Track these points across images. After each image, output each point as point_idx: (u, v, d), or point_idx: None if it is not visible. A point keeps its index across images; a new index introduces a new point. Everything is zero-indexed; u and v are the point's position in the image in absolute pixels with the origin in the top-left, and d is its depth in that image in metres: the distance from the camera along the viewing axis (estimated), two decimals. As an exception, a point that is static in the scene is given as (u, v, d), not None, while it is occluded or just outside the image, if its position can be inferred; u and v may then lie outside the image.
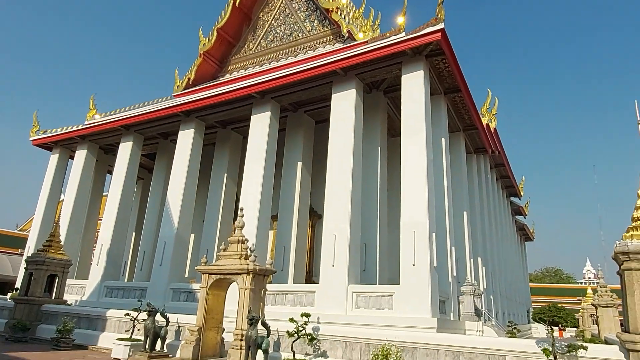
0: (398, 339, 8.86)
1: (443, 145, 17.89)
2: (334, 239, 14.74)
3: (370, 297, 13.92)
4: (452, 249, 17.22)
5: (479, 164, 26.05)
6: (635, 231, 7.43)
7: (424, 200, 14.01)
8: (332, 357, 9.68)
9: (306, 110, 20.44)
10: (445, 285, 16.01)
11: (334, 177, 15.59)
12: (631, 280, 7.10)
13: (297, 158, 19.60)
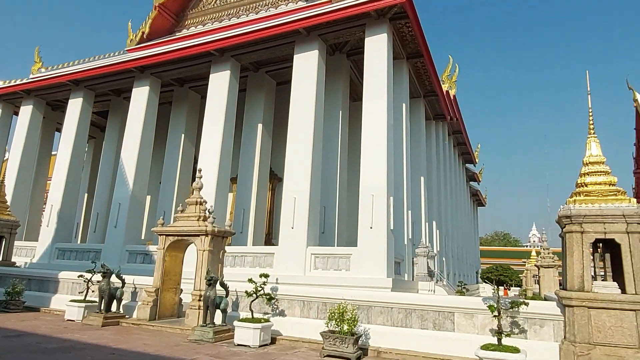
0: (354, 298, 9.14)
1: (404, 110, 18.04)
2: (293, 201, 14.78)
3: (328, 258, 14.21)
4: (408, 213, 17.71)
5: (438, 130, 26.57)
6: (578, 196, 7.87)
7: (383, 164, 14.19)
8: (290, 315, 9.89)
9: (267, 70, 19.94)
10: (401, 247, 16.55)
11: (295, 139, 15.46)
12: (571, 242, 7.58)
13: (258, 119, 19.25)
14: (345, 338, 7.93)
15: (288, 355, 8.07)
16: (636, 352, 6.66)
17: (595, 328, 6.99)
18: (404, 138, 17.92)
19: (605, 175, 7.91)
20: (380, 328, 8.89)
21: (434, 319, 8.57)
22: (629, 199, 7.45)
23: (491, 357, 7.03)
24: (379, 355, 8.36)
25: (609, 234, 7.33)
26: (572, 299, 7.23)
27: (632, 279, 7.02)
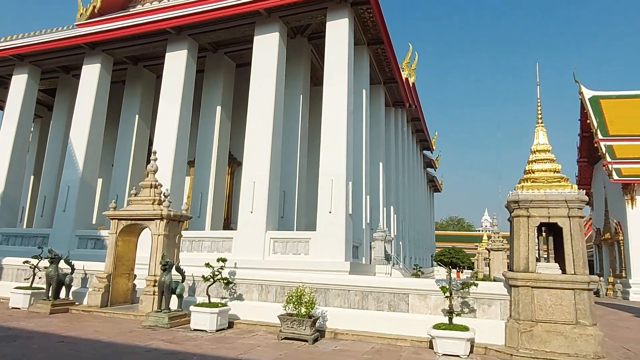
0: (312, 281, 9.23)
1: (364, 96, 18.16)
2: (253, 186, 14.67)
3: (287, 242, 14.26)
4: (367, 198, 17.97)
5: (397, 117, 26.97)
6: (525, 183, 8.25)
7: (342, 150, 14.29)
8: (248, 299, 9.88)
9: (227, 51, 19.47)
10: (359, 231, 16.81)
11: (255, 123, 15.27)
12: (518, 226, 7.96)
13: (217, 102, 18.83)
14: (303, 320, 8.02)
15: (246, 339, 8.08)
16: (573, 328, 7.13)
17: (538, 306, 7.41)
18: (363, 124, 18.08)
19: (551, 162, 8.31)
20: (338, 310, 9.05)
21: (389, 301, 8.81)
22: (571, 185, 7.87)
23: (442, 335, 7.33)
24: (335, 336, 8.52)
25: (552, 218, 7.74)
26: (518, 279, 7.61)
27: (572, 260, 7.46)
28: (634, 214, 26.01)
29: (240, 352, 6.96)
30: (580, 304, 7.22)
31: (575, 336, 7.07)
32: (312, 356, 6.88)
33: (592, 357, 6.89)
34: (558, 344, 7.10)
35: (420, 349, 7.73)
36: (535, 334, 7.26)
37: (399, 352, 7.45)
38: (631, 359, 7.63)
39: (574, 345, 7.02)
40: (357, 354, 7.15)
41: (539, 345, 7.18)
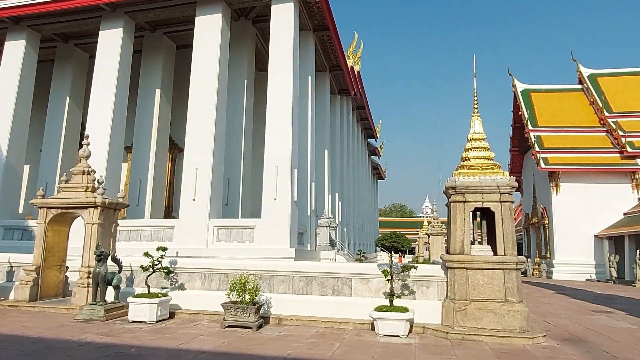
0: (256, 268, 9.17)
1: (309, 83, 18.12)
2: (195, 172, 14.27)
3: (231, 230, 14.06)
4: (312, 185, 18.07)
5: (342, 104, 27.21)
6: (462, 169, 8.63)
7: (288, 136, 14.22)
8: (190, 288, 9.66)
9: (167, 32, 18.65)
10: (304, 218, 16.90)
11: (197, 107, 14.80)
12: (455, 211, 8.34)
13: (156, 84, 18.04)
14: (247, 308, 7.97)
15: (188, 328, 7.91)
16: (502, 305, 7.62)
17: (472, 286, 7.83)
18: (309, 111, 18.06)
19: (485, 150, 8.74)
20: (282, 296, 9.07)
21: (333, 285, 8.95)
22: (503, 172, 8.33)
23: (383, 317, 7.57)
24: (280, 322, 8.55)
25: (486, 203, 8.17)
26: (454, 261, 7.99)
27: (502, 242, 7.94)
28: (558, 199, 28.08)
29: (181, 342, 6.82)
30: (509, 283, 7.71)
31: (504, 312, 7.55)
32: (256, 342, 6.87)
33: (518, 331, 7.40)
34: (489, 320, 7.56)
35: (362, 331, 7.94)
36: (468, 312, 7.68)
37: (342, 334, 7.61)
38: (551, 330, 8.28)
39: (503, 321, 7.51)
40: (301, 338, 7.22)
41: (472, 322, 7.61)
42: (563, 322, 9.52)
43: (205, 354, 6.11)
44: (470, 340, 7.28)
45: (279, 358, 5.92)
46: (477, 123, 9.06)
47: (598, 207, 27.02)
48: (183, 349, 6.36)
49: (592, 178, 27.56)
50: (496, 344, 7.02)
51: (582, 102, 31.88)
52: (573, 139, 29.20)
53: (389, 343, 7.01)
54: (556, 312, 11.10)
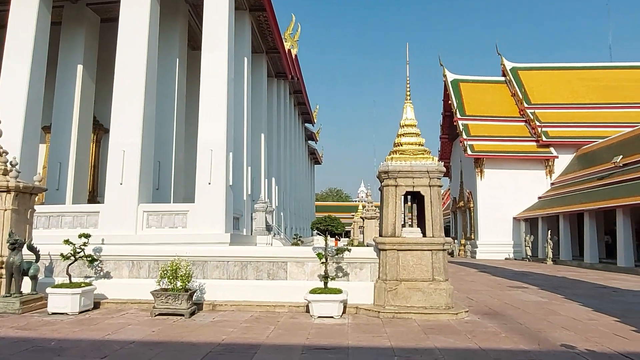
0: (189, 254, 8.91)
1: (245, 64, 17.71)
2: (122, 155, 13.51)
3: (163, 216, 13.55)
4: (248, 169, 17.81)
5: (279, 88, 26.93)
6: (395, 154, 8.90)
7: (222, 119, 13.85)
8: (117, 277, 9.20)
9: (90, 3, 17.29)
10: (240, 203, 16.65)
11: (124, 86, 13.93)
12: (387, 194, 8.60)
13: (77, 59, 16.74)
14: (179, 295, 7.74)
15: (114, 319, 7.55)
16: (430, 284, 8.03)
17: (402, 267, 8.16)
18: (245, 93, 17.69)
19: (417, 136, 9.05)
20: (216, 282, 8.91)
21: (268, 270, 8.93)
22: (433, 157, 8.70)
23: (317, 299, 7.69)
24: (214, 308, 8.41)
25: (416, 187, 8.50)
26: (386, 243, 8.27)
27: (431, 225, 8.32)
28: (482, 184, 29.93)
29: (107, 332, 6.49)
30: (436, 263, 8.13)
31: (431, 291, 7.96)
32: (188, 330, 6.71)
33: (444, 308, 7.84)
34: (417, 299, 7.94)
35: (297, 314, 8.02)
36: (399, 292, 8.00)
37: (277, 318, 7.64)
38: (473, 306, 8.88)
39: (430, 299, 7.92)
40: (236, 323, 7.16)
41: (402, 301, 7.95)
42: (484, 298, 10.23)
43: (134, 343, 5.87)
44: (400, 318, 7.61)
45: (212, 344, 5.82)
46: (409, 109, 9.34)
47: (517, 192, 29.17)
48: (109, 340, 6.06)
49: (512, 165, 29.64)
50: (424, 321, 7.39)
51: (505, 93, 34.01)
52: (496, 127, 31.13)
53: (323, 324, 7.14)
54: (478, 289, 11.90)
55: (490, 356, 5.29)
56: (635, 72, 33.08)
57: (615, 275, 17.00)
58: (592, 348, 5.67)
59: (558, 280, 14.58)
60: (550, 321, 7.42)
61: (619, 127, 27.38)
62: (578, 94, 32.04)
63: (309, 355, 5.29)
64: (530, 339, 6.18)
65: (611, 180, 22.17)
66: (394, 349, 5.60)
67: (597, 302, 9.67)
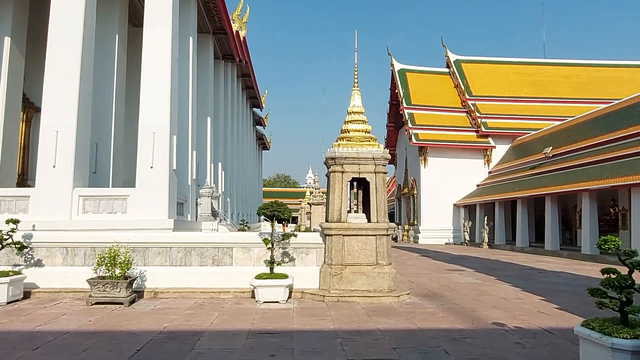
0: (128, 240, 8.57)
1: (190, 44, 17.08)
2: (55, 136, 12.66)
3: (100, 200, 12.92)
4: (193, 153, 17.32)
5: (227, 71, 26.26)
6: (342, 141, 8.99)
7: (166, 100, 13.32)
8: (50, 265, 8.71)
9: (17, -30, 15.89)
10: (185, 188, 16.20)
11: (56, 61, 12.99)
12: (334, 180, 8.70)
13: (4, 31, 15.39)
14: (118, 282, 7.46)
15: (47, 309, 7.16)
16: (374, 268, 8.26)
17: (347, 252, 8.33)
18: (190, 74, 17.09)
19: (363, 123, 9.19)
20: (159, 269, 8.67)
21: (213, 256, 8.79)
22: (378, 144, 8.88)
23: (262, 284, 7.70)
24: (155, 295, 8.19)
25: (362, 173, 8.66)
26: (332, 229, 8.39)
27: (376, 210, 8.53)
28: (425, 172, 31.03)
29: (39, 323, 6.15)
30: (380, 248, 8.36)
31: (374, 274, 8.20)
32: (128, 318, 6.49)
33: (387, 291, 8.12)
34: (361, 282, 8.15)
35: (242, 299, 7.99)
36: (344, 276, 8.18)
37: (221, 304, 7.57)
38: (414, 289, 9.26)
39: (373, 283, 8.16)
40: (179, 310, 7.02)
41: (347, 285, 8.13)
42: (424, 280, 10.69)
43: (69, 334, 5.61)
44: (344, 301, 7.79)
45: (154, 332, 5.68)
46: (356, 97, 9.44)
47: (458, 180, 30.53)
48: (42, 331, 5.75)
49: (454, 153, 30.93)
50: (367, 303, 7.62)
51: (449, 84, 35.25)
52: (440, 117, 32.27)
53: (268, 309, 7.17)
54: (419, 273, 12.41)
55: (428, 335, 5.56)
56: (566, 69, 35.37)
57: (543, 257, 18.36)
58: (520, 325, 6.11)
59: (492, 263, 15.50)
60: (483, 301, 7.90)
61: (550, 120, 29.31)
62: (514, 87, 33.83)
63: (253, 340, 5.30)
64: (465, 318, 6.56)
65: (541, 169, 23.74)
66: (337, 332, 5.73)
67: (525, 282, 10.40)
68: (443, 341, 5.27)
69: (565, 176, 20.51)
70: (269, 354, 4.76)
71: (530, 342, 5.25)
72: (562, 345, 5.16)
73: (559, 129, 25.92)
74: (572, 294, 8.68)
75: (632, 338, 3.76)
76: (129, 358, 4.62)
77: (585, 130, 22.40)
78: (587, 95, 32.15)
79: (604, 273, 4.24)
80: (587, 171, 19.12)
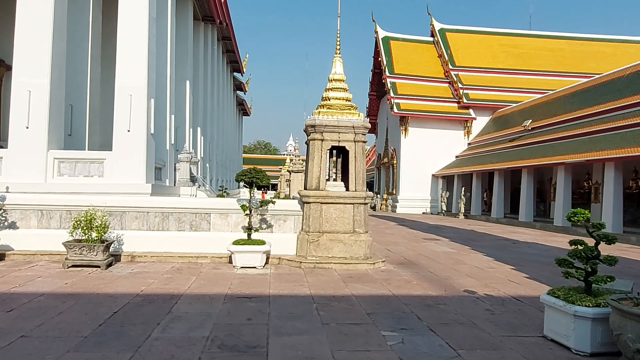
0: (105, 204, 8.48)
1: (169, 3, 16.47)
2: (28, 95, 12.23)
3: (76, 163, 12.68)
4: (171, 117, 17.00)
5: (207, 33, 25.48)
6: (322, 109, 8.91)
7: (143, 62, 12.94)
8: (25, 227, 8.57)
9: None
10: (163, 152, 15.96)
11: (27, 19, 12.39)
12: (313, 148, 8.68)
13: (-31, -17, 14.53)
14: (94, 246, 7.41)
15: (22, 271, 7.09)
16: (350, 236, 8.39)
17: (325, 219, 8.41)
18: (168, 36, 16.54)
19: (344, 91, 9.10)
20: (136, 233, 8.62)
21: (190, 221, 8.78)
22: (359, 113, 8.83)
23: (240, 250, 7.75)
24: (133, 259, 8.18)
25: (342, 142, 8.65)
26: (310, 196, 8.43)
27: (354, 179, 8.59)
28: (406, 142, 31.17)
29: (14, 285, 6.10)
30: (357, 216, 8.46)
31: (351, 242, 8.33)
32: (105, 281, 6.49)
33: (363, 258, 8.28)
34: (338, 250, 8.28)
35: (220, 264, 8.05)
36: (321, 243, 8.29)
37: (199, 268, 7.62)
38: (390, 257, 9.46)
39: (350, 250, 8.30)
40: (156, 274, 7.04)
41: (324, 252, 8.26)
42: (400, 249, 10.93)
43: (44, 296, 5.59)
44: (321, 268, 7.92)
45: (131, 295, 5.71)
46: (338, 64, 9.30)
47: (437, 150, 30.81)
48: (17, 293, 5.71)
49: (435, 124, 31.07)
50: (343, 270, 7.77)
51: (433, 53, 34.97)
52: (422, 87, 32.17)
53: (245, 274, 7.25)
54: (396, 241, 12.66)
55: (402, 301, 5.73)
56: (551, 42, 35.40)
57: (517, 228, 18.93)
58: (490, 293, 6.35)
59: (467, 233, 15.92)
60: (456, 270, 8.15)
61: (531, 93, 29.54)
62: (498, 59, 33.81)
63: (230, 304, 5.38)
64: (438, 285, 6.77)
65: (520, 142, 24.13)
66: (313, 297, 5.86)
67: (498, 252, 10.74)
68: (416, 307, 5.44)
69: (542, 149, 20.91)
70: (246, 318, 4.85)
71: (499, 309, 5.47)
72: (529, 312, 5.39)
73: (539, 102, 26.21)
74: (542, 264, 9.02)
75: (593, 306, 3.96)
76: (105, 321, 4.64)
77: (565, 104, 22.72)
78: (570, 69, 32.40)
79: (572, 244, 4.41)
80: (565, 145, 19.52)
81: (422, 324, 4.77)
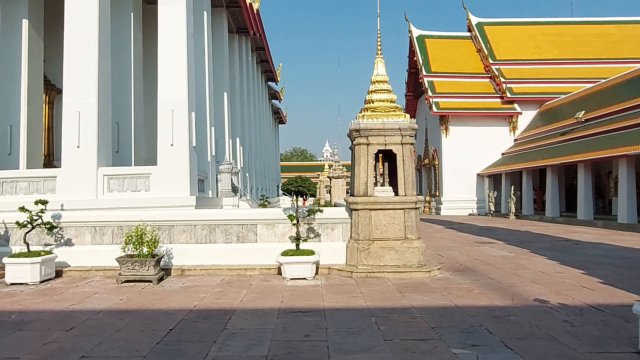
0: (154, 219, 8.55)
1: (205, 19, 16.72)
2: (77, 116, 12.65)
3: (124, 179, 12.98)
4: (211, 129, 17.20)
5: (241, 45, 25.81)
6: (366, 112, 8.65)
7: (183, 77, 13.13)
8: (79, 244, 8.78)
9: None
10: (204, 164, 16.15)
11: (75, 43, 12.85)
12: (359, 153, 8.42)
13: (21, 13, 15.24)
14: (146, 260, 7.46)
15: (79, 287, 7.22)
16: (402, 242, 8.05)
17: (374, 226, 8.12)
18: (205, 50, 16.79)
19: (388, 93, 8.81)
20: (184, 246, 8.65)
21: (237, 233, 8.71)
22: (404, 114, 8.51)
23: (289, 261, 7.58)
24: (182, 273, 8.19)
25: (388, 145, 8.34)
26: (358, 203, 8.17)
27: (403, 183, 8.25)
28: (447, 142, 30.32)
29: (72, 302, 6.18)
30: (408, 222, 8.12)
31: (404, 249, 7.99)
32: (158, 296, 6.48)
33: (417, 266, 7.91)
34: (390, 258, 7.96)
35: (269, 276, 7.91)
36: (372, 251, 7.99)
37: (249, 281, 7.51)
38: (444, 263, 9.03)
39: (403, 257, 7.96)
40: (207, 288, 6.98)
41: (375, 260, 7.96)
42: (454, 254, 10.44)
43: (102, 313, 5.61)
44: (373, 277, 7.63)
45: (185, 310, 5.64)
46: (380, 65, 9.03)
47: (481, 148, 29.75)
48: (76, 310, 5.77)
49: (477, 121, 30.05)
50: (397, 279, 7.44)
51: (471, 49, 33.94)
52: (462, 84, 31.24)
53: (296, 286, 7.06)
54: (447, 245, 12.16)
55: (467, 313, 5.35)
56: (596, 27, 33.58)
57: (576, 228, 17.80)
58: (564, 301, 5.82)
59: (523, 235, 15.11)
60: (520, 275, 7.63)
61: (581, 82, 27.97)
62: (542, 49, 32.37)
63: (285, 319, 5.19)
64: (503, 294, 6.31)
65: (573, 135, 22.85)
66: (370, 309, 5.58)
67: (561, 255, 10.05)
68: (484, 320, 5.04)
69: (600, 141, 19.63)
70: (304, 334, 4.64)
71: (579, 320, 4.98)
72: (613, 323, 4.86)
73: (591, 91, 24.77)
74: (614, 267, 8.33)
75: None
76: (162, 339, 4.56)
77: (621, 92, 21.28)
78: (622, 55, 30.49)
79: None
80: (624, 135, 18.22)
81: (495, 339, 4.39)
